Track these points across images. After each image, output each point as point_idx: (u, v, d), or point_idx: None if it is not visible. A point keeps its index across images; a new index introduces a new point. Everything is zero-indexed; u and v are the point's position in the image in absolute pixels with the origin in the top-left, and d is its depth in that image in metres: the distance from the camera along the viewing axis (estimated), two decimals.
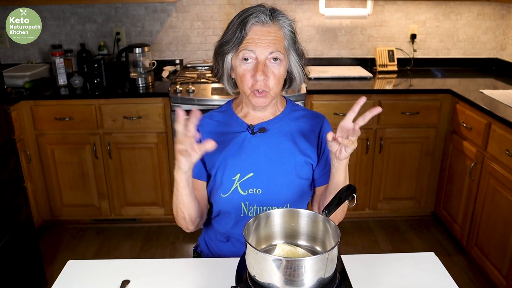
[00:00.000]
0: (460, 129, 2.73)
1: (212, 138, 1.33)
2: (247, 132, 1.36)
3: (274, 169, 1.34)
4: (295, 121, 1.39)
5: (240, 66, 1.27)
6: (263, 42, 1.23)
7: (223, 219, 1.40)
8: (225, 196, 1.34)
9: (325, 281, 0.99)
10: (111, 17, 3.26)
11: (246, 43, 1.24)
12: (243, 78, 1.27)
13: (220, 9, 3.27)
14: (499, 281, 2.34)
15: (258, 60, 1.24)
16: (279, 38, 1.26)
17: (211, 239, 1.47)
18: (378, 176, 3.03)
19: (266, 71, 1.24)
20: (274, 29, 1.25)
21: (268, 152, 1.34)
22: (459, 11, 3.34)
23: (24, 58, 3.33)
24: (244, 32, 1.23)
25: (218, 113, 1.42)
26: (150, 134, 2.87)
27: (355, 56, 3.44)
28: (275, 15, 1.26)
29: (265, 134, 1.35)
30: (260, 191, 1.33)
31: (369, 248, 2.91)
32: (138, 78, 2.96)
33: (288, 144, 1.36)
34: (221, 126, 1.38)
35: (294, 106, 1.44)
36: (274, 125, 1.37)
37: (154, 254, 2.85)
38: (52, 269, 2.66)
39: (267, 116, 1.38)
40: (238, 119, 1.38)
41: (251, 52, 1.24)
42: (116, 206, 3.05)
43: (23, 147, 2.77)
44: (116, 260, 1.32)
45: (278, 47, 1.24)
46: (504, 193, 2.29)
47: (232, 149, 1.35)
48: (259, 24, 1.24)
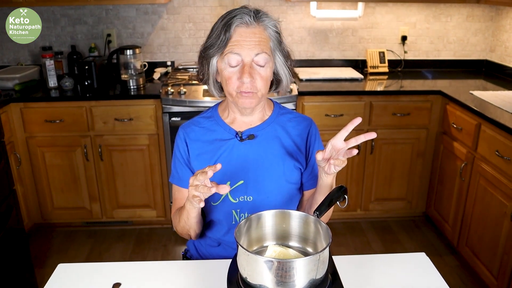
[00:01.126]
0: (451, 130, 2.75)
1: (199, 146, 1.34)
2: (236, 139, 1.34)
3: (264, 176, 1.33)
4: (283, 126, 1.38)
5: (226, 69, 1.25)
6: (248, 43, 1.21)
7: (214, 226, 1.39)
8: (215, 204, 1.34)
9: (317, 282, 0.99)
10: (102, 18, 3.25)
11: (231, 45, 1.22)
12: (229, 81, 1.25)
13: (212, 10, 3.27)
14: (489, 281, 2.36)
15: (244, 63, 1.22)
16: (264, 39, 1.24)
17: (201, 244, 1.46)
18: (370, 177, 3.04)
19: (253, 72, 1.23)
20: (259, 30, 1.24)
21: (257, 159, 1.33)
22: (449, 13, 3.37)
23: (14, 60, 3.31)
24: (228, 35, 1.22)
25: (204, 119, 1.39)
26: (142, 136, 2.86)
27: (346, 57, 3.45)
28: (259, 16, 1.24)
29: (253, 141, 1.34)
30: (251, 198, 1.32)
31: (360, 249, 2.92)
32: (129, 80, 2.95)
33: (276, 149, 1.35)
34: (208, 134, 1.36)
35: (282, 109, 1.43)
36: (262, 131, 1.35)
37: (146, 256, 2.84)
38: (43, 272, 2.64)
39: (254, 121, 1.36)
40: (225, 126, 1.36)
41: (236, 55, 1.22)
42: (107, 208, 3.03)
43: (13, 149, 2.75)
44: (107, 263, 1.31)
45: (263, 48, 1.23)
46: (494, 194, 2.31)
47: (221, 157, 1.33)
48: (244, 26, 1.22)
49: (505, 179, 2.21)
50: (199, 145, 1.35)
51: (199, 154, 1.35)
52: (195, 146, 1.35)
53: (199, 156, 1.34)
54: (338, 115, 2.86)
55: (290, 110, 1.45)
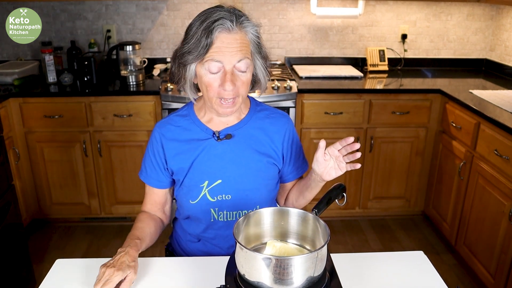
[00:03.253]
0: (450, 129, 2.75)
1: (175, 146, 1.33)
2: (213, 138, 1.33)
3: (241, 175, 1.33)
4: (259, 123, 1.37)
5: (206, 76, 1.21)
6: (230, 50, 1.17)
7: (192, 222, 1.40)
8: (194, 203, 1.34)
9: (315, 280, 0.99)
10: (102, 14, 3.24)
11: (212, 52, 1.17)
12: (210, 88, 1.21)
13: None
14: (487, 279, 2.37)
15: (226, 70, 1.19)
16: (245, 44, 1.20)
17: (181, 238, 1.48)
18: (369, 175, 3.05)
19: (234, 79, 1.20)
20: (240, 36, 1.19)
21: (234, 158, 1.33)
22: (449, 12, 3.37)
23: (13, 55, 3.30)
24: (210, 40, 1.16)
25: (180, 117, 1.37)
26: (141, 132, 2.86)
27: (346, 55, 3.45)
28: (241, 21, 1.19)
29: (231, 140, 1.33)
30: (229, 197, 1.33)
31: (359, 247, 2.92)
32: (129, 76, 2.94)
33: (254, 147, 1.35)
34: (185, 133, 1.34)
35: (258, 105, 1.42)
36: (239, 130, 1.34)
37: (144, 252, 2.82)
38: (41, 267, 2.64)
39: (232, 121, 1.35)
40: (202, 126, 1.34)
41: (218, 62, 1.18)
42: (106, 204, 3.03)
43: (12, 144, 2.74)
44: (105, 258, 1.31)
45: (245, 54, 1.20)
46: (492, 193, 2.31)
47: (198, 157, 1.32)
48: (225, 32, 1.17)
49: (504, 178, 2.21)
50: (176, 145, 1.34)
51: (177, 154, 1.34)
52: (171, 146, 1.34)
53: (177, 156, 1.34)
54: (338, 113, 2.86)
55: (267, 106, 1.44)
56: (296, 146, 1.42)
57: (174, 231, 1.55)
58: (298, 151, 1.43)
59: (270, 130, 1.37)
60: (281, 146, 1.38)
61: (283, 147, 1.39)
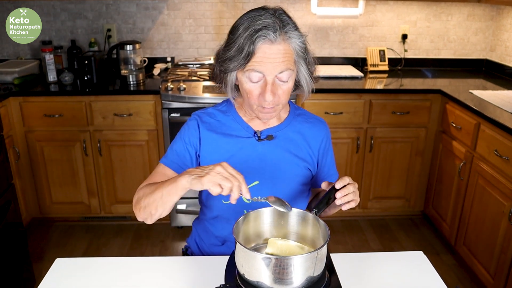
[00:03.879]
0: (450, 129, 2.75)
1: (213, 137, 1.30)
2: (253, 138, 1.31)
3: (279, 178, 1.31)
4: (298, 127, 1.36)
5: (247, 83, 1.18)
6: (272, 61, 1.14)
7: (220, 223, 1.36)
8: (227, 203, 1.30)
9: (314, 280, 0.99)
10: (102, 13, 3.24)
11: (254, 62, 1.14)
12: (250, 95, 1.19)
13: (212, 7, 3.26)
14: (486, 280, 2.37)
15: (267, 80, 1.16)
16: (289, 54, 1.16)
17: (203, 241, 1.43)
18: (369, 175, 3.05)
19: (275, 89, 1.17)
20: (284, 46, 1.15)
21: (274, 160, 1.31)
22: (449, 12, 3.36)
23: (13, 54, 3.30)
24: (252, 50, 1.13)
25: (219, 112, 1.35)
26: (141, 132, 2.86)
27: (346, 55, 3.45)
28: (285, 31, 1.15)
29: (271, 142, 1.32)
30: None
31: (358, 247, 2.92)
32: (129, 75, 2.94)
33: (292, 151, 1.33)
34: (223, 128, 1.32)
35: (297, 109, 1.41)
36: (280, 132, 1.33)
37: (144, 252, 2.84)
38: (41, 266, 2.64)
39: (272, 122, 1.33)
40: (243, 123, 1.32)
41: (259, 73, 1.15)
42: (106, 203, 3.03)
43: (12, 143, 2.75)
44: (105, 258, 1.31)
45: (287, 65, 1.16)
46: (492, 193, 2.31)
47: (238, 155, 1.30)
48: (268, 43, 1.13)
49: (504, 178, 2.21)
50: (214, 136, 1.31)
51: (213, 146, 1.30)
52: (209, 136, 1.31)
53: (212, 148, 1.30)
54: (338, 113, 2.86)
55: (305, 111, 1.43)
56: (331, 155, 1.41)
57: (194, 232, 1.49)
58: (332, 161, 1.42)
59: (308, 135, 1.36)
60: (317, 152, 1.37)
61: (319, 153, 1.37)
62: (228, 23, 3.30)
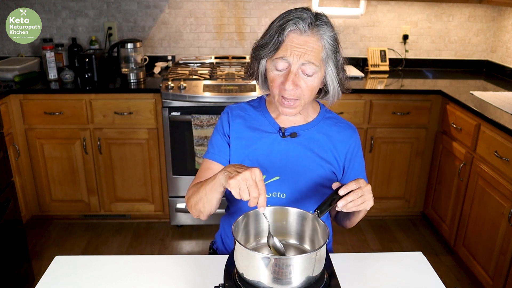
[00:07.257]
0: (450, 130, 2.75)
1: (241, 130, 1.34)
2: (278, 134, 1.33)
3: (300, 176, 1.31)
4: (326, 129, 1.36)
5: (272, 71, 1.23)
6: (297, 51, 1.17)
7: None
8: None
9: (313, 280, 0.99)
10: (103, 11, 3.24)
11: (282, 50, 1.19)
12: (273, 83, 1.24)
13: (213, 5, 3.26)
14: (485, 281, 2.37)
15: (290, 69, 1.19)
16: (316, 49, 1.19)
17: (227, 236, 1.45)
18: (369, 176, 3.04)
19: (297, 80, 1.20)
20: (312, 39, 1.18)
21: (296, 157, 1.32)
22: (451, 13, 3.36)
23: (14, 51, 3.30)
24: (281, 38, 1.18)
25: (251, 107, 1.39)
26: (141, 130, 2.86)
27: (347, 55, 3.43)
28: (316, 24, 1.19)
29: (295, 139, 1.33)
30: (284, 196, 1.31)
31: (358, 247, 2.92)
32: (130, 73, 2.94)
33: (316, 152, 1.33)
34: (252, 122, 1.36)
35: (328, 112, 1.41)
36: (305, 131, 1.34)
37: (143, 250, 2.84)
38: (40, 264, 2.64)
39: (298, 121, 1.35)
40: (271, 119, 1.35)
41: (284, 61, 1.19)
42: (105, 202, 3.03)
43: (12, 141, 2.74)
44: (104, 256, 1.31)
45: (311, 58, 1.18)
46: (492, 194, 2.31)
47: (261, 149, 1.32)
48: (297, 32, 1.18)
49: (504, 180, 2.21)
50: (241, 128, 1.35)
51: (239, 137, 1.34)
52: (237, 128, 1.35)
53: (238, 139, 1.34)
54: (338, 113, 2.84)
55: (336, 115, 1.42)
56: (360, 161, 1.39)
57: (221, 227, 1.51)
58: (361, 168, 1.40)
59: (335, 138, 1.36)
60: (343, 157, 1.36)
61: (346, 158, 1.36)
62: (229, 22, 3.30)
